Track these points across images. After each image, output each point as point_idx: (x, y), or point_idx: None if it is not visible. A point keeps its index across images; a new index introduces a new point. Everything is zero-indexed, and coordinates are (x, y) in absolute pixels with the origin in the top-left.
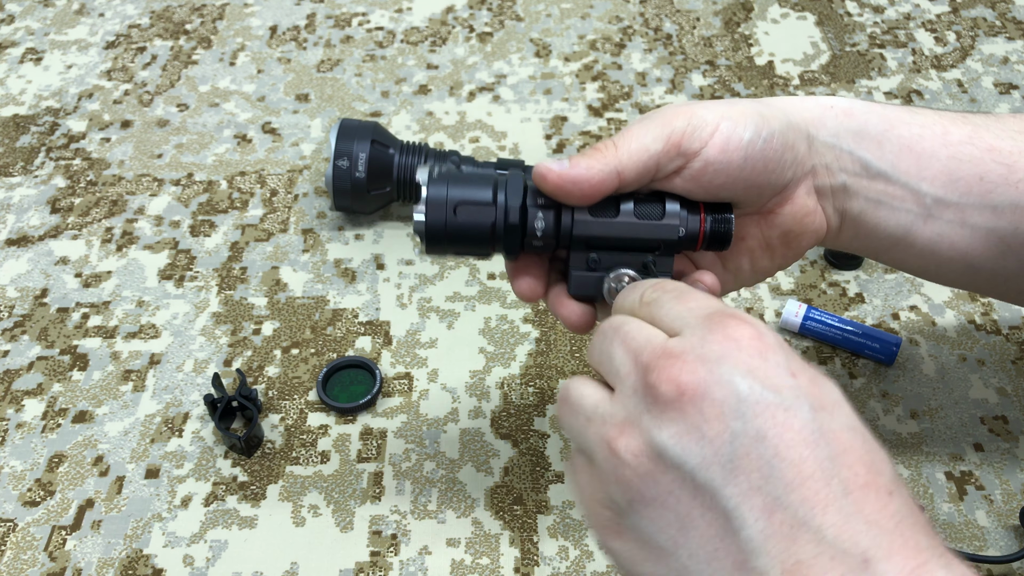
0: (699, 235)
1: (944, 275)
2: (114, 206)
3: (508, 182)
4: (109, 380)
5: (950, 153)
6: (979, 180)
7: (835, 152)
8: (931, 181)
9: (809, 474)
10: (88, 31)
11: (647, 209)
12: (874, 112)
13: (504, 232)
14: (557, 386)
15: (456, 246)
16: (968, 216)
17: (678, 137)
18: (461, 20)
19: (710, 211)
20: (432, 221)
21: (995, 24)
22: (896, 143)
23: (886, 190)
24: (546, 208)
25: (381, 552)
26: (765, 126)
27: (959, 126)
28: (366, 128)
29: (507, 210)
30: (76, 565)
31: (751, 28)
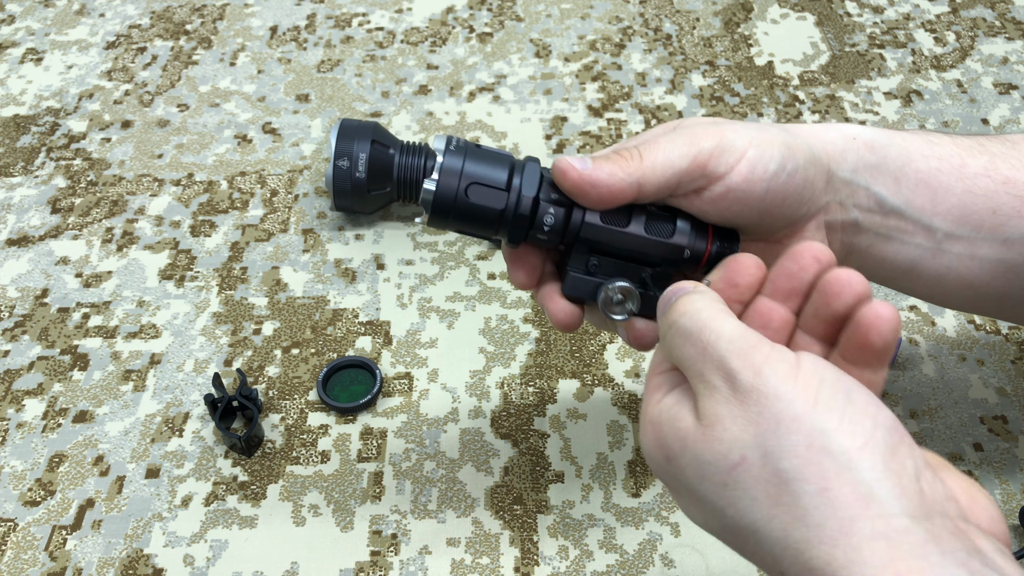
0: (703, 258)
1: (950, 302)
2: (114, 206)
3: (525, 169)
4: (109, 380)
5: (965, 187)
6: (992, 213)
7: (851, 188)
8: (944, 216)
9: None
10: (88, 31)
11: (658, 225)
12: (894, 144)
13: (512, 220)
14: (557, 386)
15: (460, 223)
16: (978, 249)
17: (705, 158)
18: (461, 20)
19: (718, 236)
20: (442, 194)
21: (995, 24)
22: (913, 178)
23: (898, 225)
24: (558, 204)
25: (381, 552)
26: (791, 159)
27: (976, 156)
28: (366, 128)
29: (520, 199)
30: (76, 565)
31: (751, 28)
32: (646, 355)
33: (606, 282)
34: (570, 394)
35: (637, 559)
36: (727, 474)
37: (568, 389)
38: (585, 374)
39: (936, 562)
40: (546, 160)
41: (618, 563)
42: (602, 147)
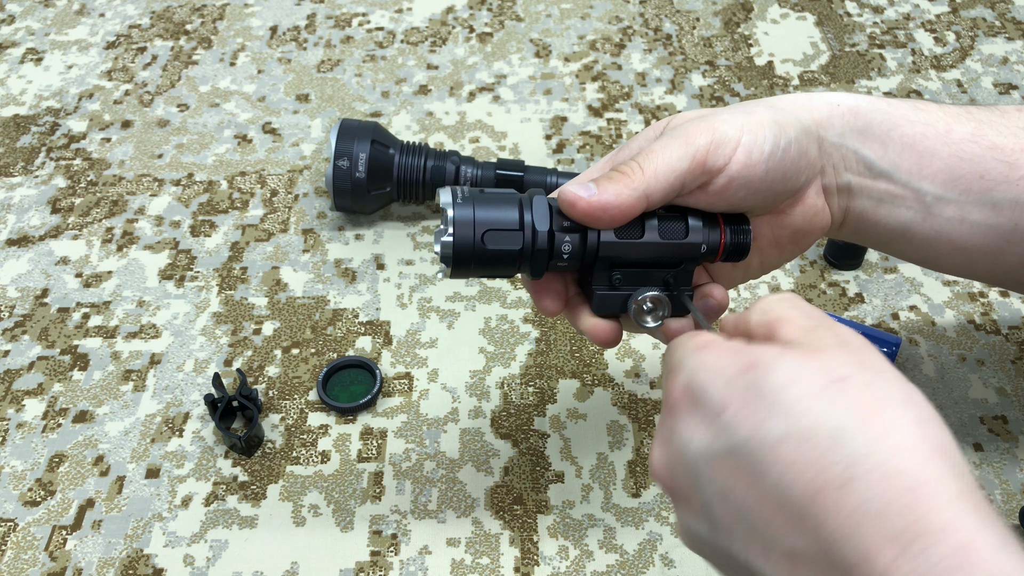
0: (719, 249)
1: (943, 265)
2: (114, 206)
3: (534, 205)
4: (109, 380)
5: (952, 151)
6: (979, 178)
7: (841, 152)
8: (932, 179)
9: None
10: (88, 31)
11: (670, 228)
12: (879, 110)
13: (532, 256)
14: (557, 386)
15: (482, 269)
16: (968, 213)
17: (703, 155)
18: (461, 20)
19: (728, 223)
20: (460, 246)
21: (995, 24)
22: (899, 142)
23: (888, 189)
24: (572, 231)
25: (381, 552)
26: (783, 135)
27: (963, 123)
28: (366, 128)
29: (535, 234)
30: (76, 565)
31: (751, 28)
32: (646, 355)
33: (634, 294)
34: (570, 394)
35: (637, 559)
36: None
37: (568, 389)
38: (585, 374)
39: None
40: (544, 159)
41: (618, 563)
42: (602, 147)
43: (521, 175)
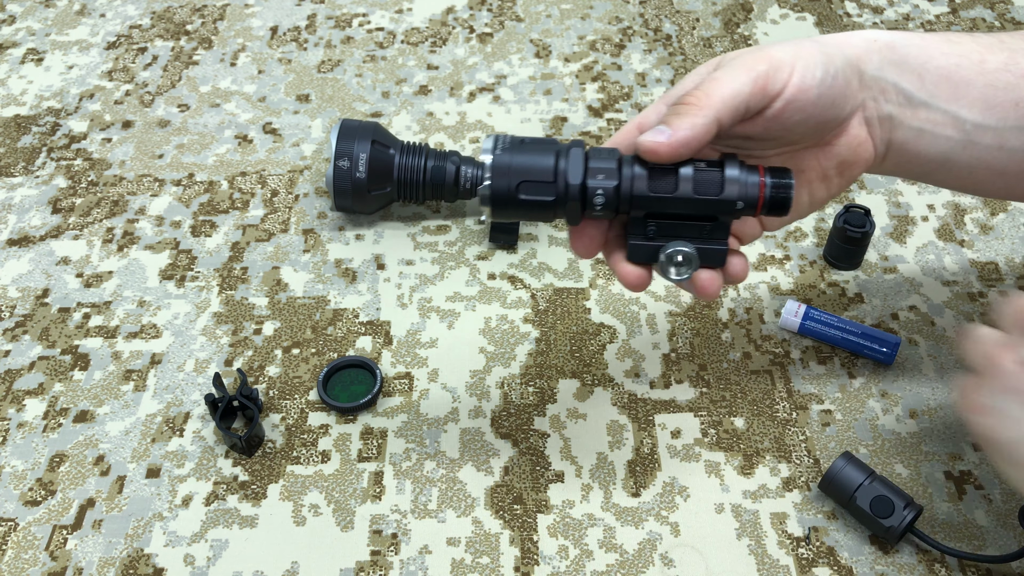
0: (758, 203)
1: (982, 190)
2: (115, 206)
3: (570, 156)
4: (110, 380)
5: (987, 81)
6: (1015, 106)
7: (881, 85)
8: (969, 107)
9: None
10: (89, 32)
11: (706, 182)
12: (913, 44)
13: (566, 206)
14: (557, 386)
15: (521, 214)
16: (1006, 139)
17: (763, 79)
18: (461, 21)
19: (770, 176)
20: (496, 195)
21: (994, 25)
22: (935, 73)
23: (928, 117)
24: (606, 182)
25: (382, 551)
26: (831, 64)
27: (995, 53)
28: (366, 128)
29: (568, 187)
30: (77, 564)
31: (751, 29)
32: (646, 354)
33: (665, 246)
34: (570, 394)
35: (637, 559)
36: None
37: (568, 389)
38: (585, 374)
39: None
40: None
41: (618, 563)
42: None
43: None
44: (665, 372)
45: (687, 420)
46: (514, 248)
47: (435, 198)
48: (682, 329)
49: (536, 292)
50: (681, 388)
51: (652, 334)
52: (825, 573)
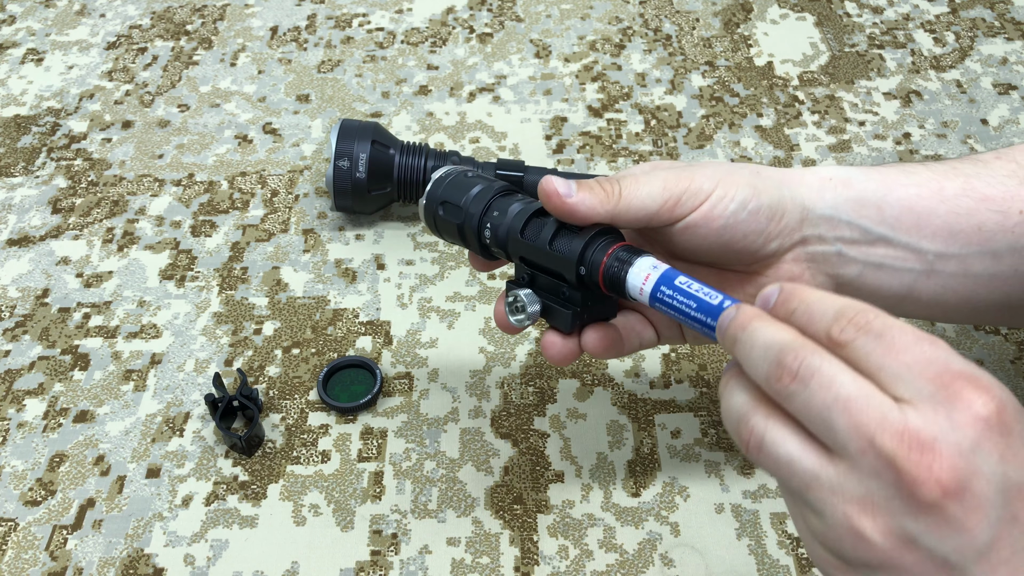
0: (599, 275)
1: (950, 318)
2: (115, 206)
3: (481, 192)
4: (110, 380)
5: (948, 208)
6: (977, 230)
7: (832, 223)
8: (932, 238)
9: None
10: (89, 32)
11: (562, 240)
12: (872, 179)
13: (466, 234)
14: (557, 386)
15: (442, 234)
16: (970, 265)
17: (673, 203)
18: (461, 21)
19: (621, 251)
20: (426, 211)
21: (994, 25)
22: (896, 205)
23: (887, 252)
24: (498, 219)
25: (382, 551)
26: (754, 199)
27: (951, 179)
28: (366, 128)
29: (467, 216)
30: (77, 564)
31: (750, 29)
32: (645, 354)
33: (514, 289)
34: (570, 394)
35: (637, 559)
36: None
37: (568, 389)
38: (585, 374)
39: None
40: (547, 161)
41: (618, 563)
42: (602, 147)
43: (521, 175)
44: (665, 372)
45: (687, 420)
46: None
47: None
48: None
49: None
50: (681, 388)
51: None
52: None
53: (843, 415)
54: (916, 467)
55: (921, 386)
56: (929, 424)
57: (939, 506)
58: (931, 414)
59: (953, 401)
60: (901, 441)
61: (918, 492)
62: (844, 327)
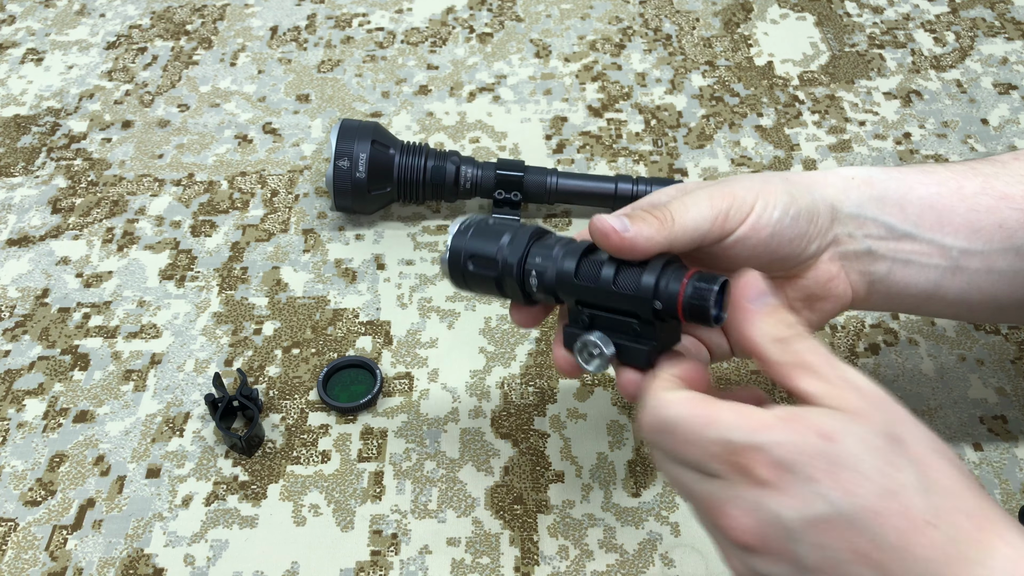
0: (678, 306)
1: (976, 316)
2: (115, 206)
3: (516, 238)
4: (110, 380)
5: (968, 206)
6: (999, 227)
7: (859, 221)
8: (955, 235)
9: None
10: (89, 32)
11: (626, 277)
12: (892, 178)
13: (505, 284)
14: (557, 386)
15: (473, 288)
16: (994, 262)
17: (723, 218)
18: (461, 21)
19: (696, 280)
20: (451, 266)
21: (994, 24)
22: (917, 204)
23: (913, 249)
24: (543, 263)
25: (382, 551)
26: (793, 205)
27: (970, 179)
28: (366, 128)
29: (505, 265)
30: (77, 564)
31: (751, 29)
32: None
33: (581, 335)
34: (570, 394)
35: (637, 559)
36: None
37: (568, 389)
38: (585, 374)
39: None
40: (546, 158)
41: (618, 563)
42: (602, 147)
43: (521, 175)
44: None
45: None
46: None
47: (435, 198)
48: None
49: None
50: None
51: None
52: None
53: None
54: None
55: (721, 470)
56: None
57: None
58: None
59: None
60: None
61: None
62: (651, 433)
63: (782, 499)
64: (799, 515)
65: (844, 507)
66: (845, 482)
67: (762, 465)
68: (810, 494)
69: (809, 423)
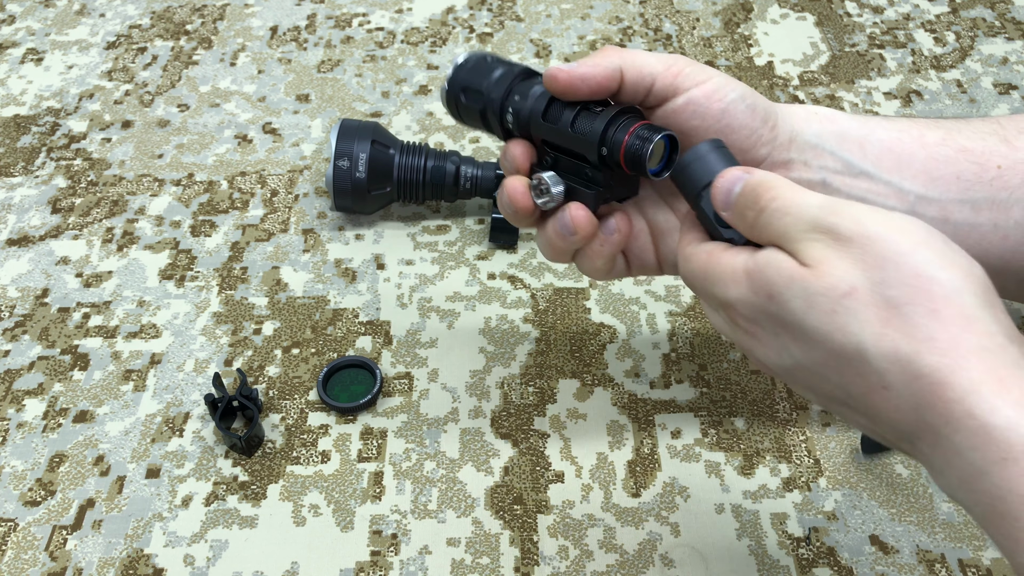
0: (620, 153)
1: None
2: (115, 206)
3: (502, 76)
4: (110, 380)
5: (928, 154)
6: (956, 178)
7: (816, 151)
8: (912, 179)
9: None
10: (89, 31)
11: (584, 120)
12: (855, 120)
13: (488, 118)
14: (557, 386)
15: (465, 118)
16: (950, 212)
17: (677, 70)
18: (461, 21)
19: (643, 130)
20: (448, 98)
21: (994, 24)
22: (877, 145)
23: (870, 187)
24: (520, 103)
25: (381, 552)
26: (752, 96)
27: (932, 130)
28: (366, 128)
29: (489, 101)
30: (77, 565)
31: (751, 29)
32: (646, 355)
33: (538, 171)
34: (570, 394)
35: (637, 559)
36: (836, 302)
37: (568, 389)
38: (585, 374)
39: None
40: None
41: (618, 563)
42: None
43: None
44: (665, 372)
45: (687, 420)
46: (514, 248)
47: (435, 198)
48: (682, 329)
49: (536, 292)
50: (681, 388)
51: (652, 334)
52: (825, 574)
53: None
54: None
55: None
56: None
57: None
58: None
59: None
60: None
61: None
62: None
63: (760, 347)
64: (778, 362)
65: (804, 361)
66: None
67: (739, 318)
68: (779, 346)
69: (764, 280)
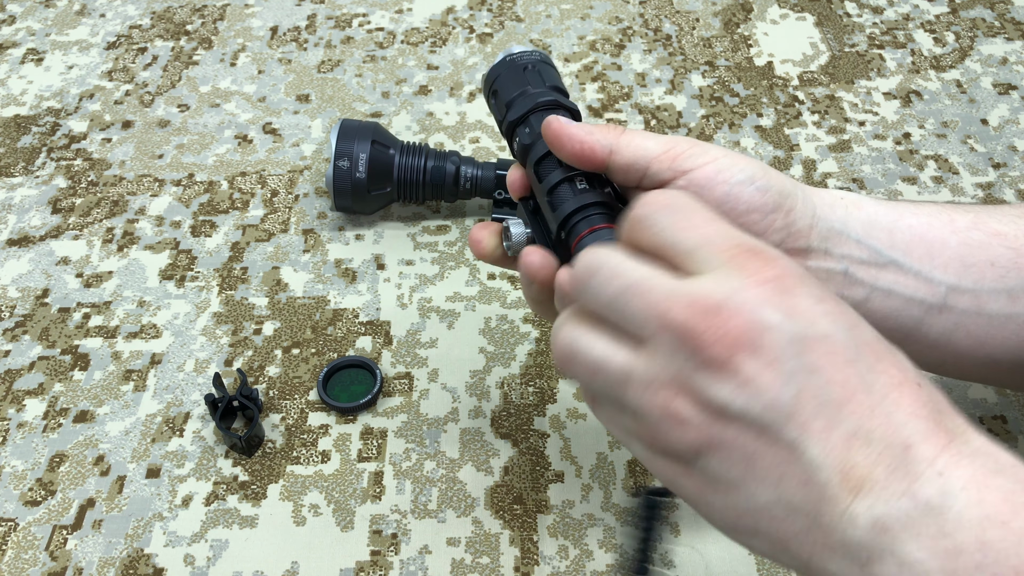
0: (572, 245)
1: (963, 368)
2: (115, 206)
3: (526, 97)
4: (110, 380)
5: (960, 239)
6: (991, 265)
7: (842, 238)
8: (944, 268)
9: (854, 388)
10: (89, 32)
11: (561, 195)
12: (883, 205)
13: (504, 131)
14: (557, 386)
15: (494, 113)
16: (984, 303)
17: (677, 152)
18: (461, 21)
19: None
20: (485, 86)
21: (994, 25)
22: (907, 232)
23: (897, 279)
24: (524, 138)
25: (381, 551)
26: (763, 177)
27: (962, 214)
28: (366, 128)
29: (505, 117)
30: (77, 564)
31: (750, 29)
32: None
33: (508, 217)
34: (570, 394)
35: None
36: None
37: (568, 389)
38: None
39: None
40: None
41: (618, 563)
42: None
43: None
44: None
45: None
46: None
47: (435, 198)
48: None
49: None
50: None
51: None
52: None
53: (633, 299)
54: (706, 329)
55: (714, 258)
56: (717, 289)
57: (734, 362)
58: (719, 280)
59: (739, 268)
60: (691, 309)
61: (712, 352)
62: (640, 206)
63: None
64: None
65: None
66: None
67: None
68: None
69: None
